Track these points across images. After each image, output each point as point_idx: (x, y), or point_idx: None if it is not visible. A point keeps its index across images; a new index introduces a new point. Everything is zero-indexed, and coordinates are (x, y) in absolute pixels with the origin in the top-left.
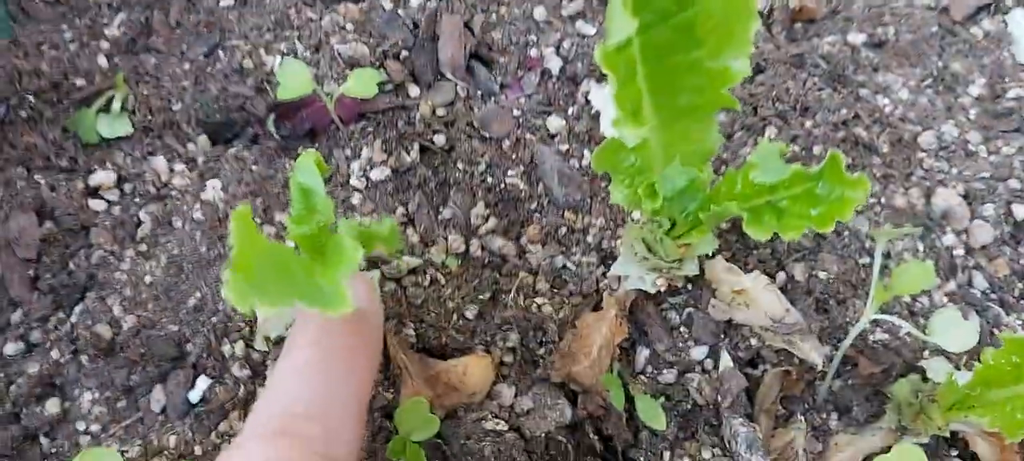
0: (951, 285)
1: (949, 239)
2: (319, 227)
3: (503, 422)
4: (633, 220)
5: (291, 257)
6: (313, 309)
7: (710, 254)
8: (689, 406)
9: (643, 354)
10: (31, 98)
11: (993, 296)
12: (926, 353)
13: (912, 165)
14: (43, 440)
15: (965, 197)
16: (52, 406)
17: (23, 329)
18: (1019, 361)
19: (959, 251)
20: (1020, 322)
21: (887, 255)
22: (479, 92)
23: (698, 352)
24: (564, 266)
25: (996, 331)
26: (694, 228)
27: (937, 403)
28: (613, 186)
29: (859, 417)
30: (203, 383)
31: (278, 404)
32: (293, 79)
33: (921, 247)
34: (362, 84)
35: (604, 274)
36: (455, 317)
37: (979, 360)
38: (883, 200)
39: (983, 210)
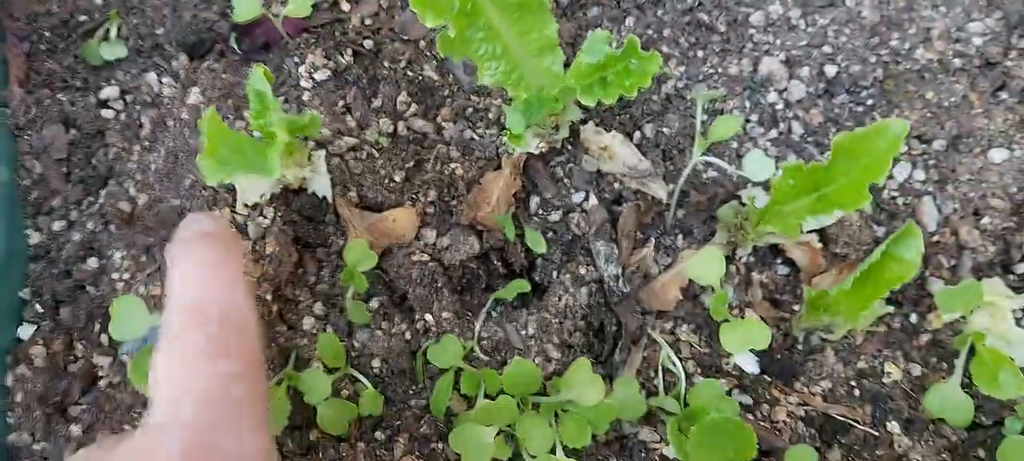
0: (773, 133)
1: (772, 97)
2: (271, 120)
3: (427, 255)
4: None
5: (246, 141)
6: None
7: (582, 121)
8: (570, 237)
9: (535, 200)
10: (47, 34)
11: (809, 140)
12: (749, 186)
13: (744, 40)
14: (89, 288)
15: (786, 62)
16: (92, 263)
17: (63, 211)
18: (795, 182)
19: (780, 106)
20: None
21: (719, 113)
22: (398, 3)
23: (577, 197)
24: (471, 138)
25: None
26: (557, 102)
27: (750, 220)
28: (479, 72)
29: (698, 237)
30: None
31: (175, 304)
32: (245, 5)
33: (748, 105)
34: (299, 5)
35: (503, 142)
36: (387, 181)
37: None
38: (720, 70)
39: (800, 72)
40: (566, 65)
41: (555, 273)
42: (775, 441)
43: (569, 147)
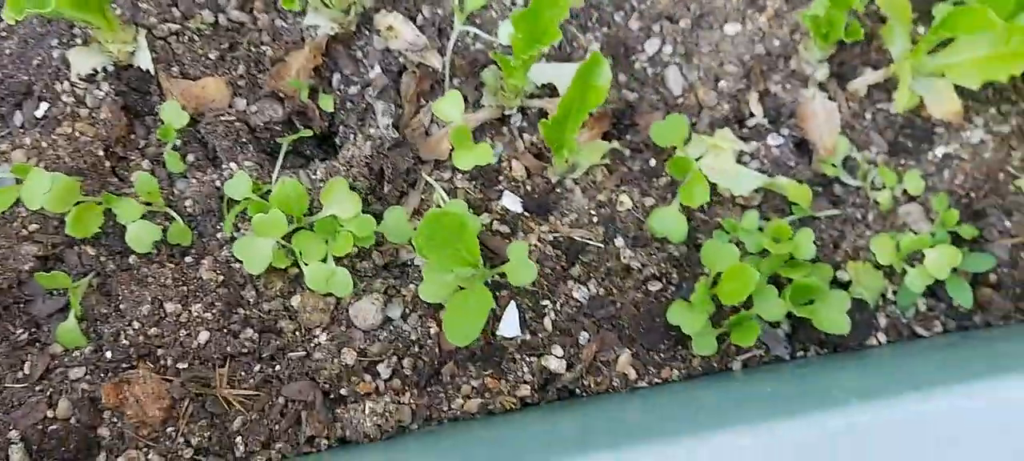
0: None
1: None
2: None
3: (235, 118)
4: None
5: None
6: None
7: (374, 8)
8: (364, 106)
9: (337, 77)
10: None
11: (569, 22)
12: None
13: None
14: None
15: None
16: None
17: None
18: (521, 33)
19: None
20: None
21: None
22: None
23: (373, 73)
24: (281, 26)
25: None
26: None
27: (504, 79)
28: None
29: (471, 102)
30: (44, 106)
31: None
32: None
33: None
34: None
35: (306, 28)
36: (203, 58)
37: None
38: None
39: None
40: None
41: (352, 136)
42: None
43: (366, 33)
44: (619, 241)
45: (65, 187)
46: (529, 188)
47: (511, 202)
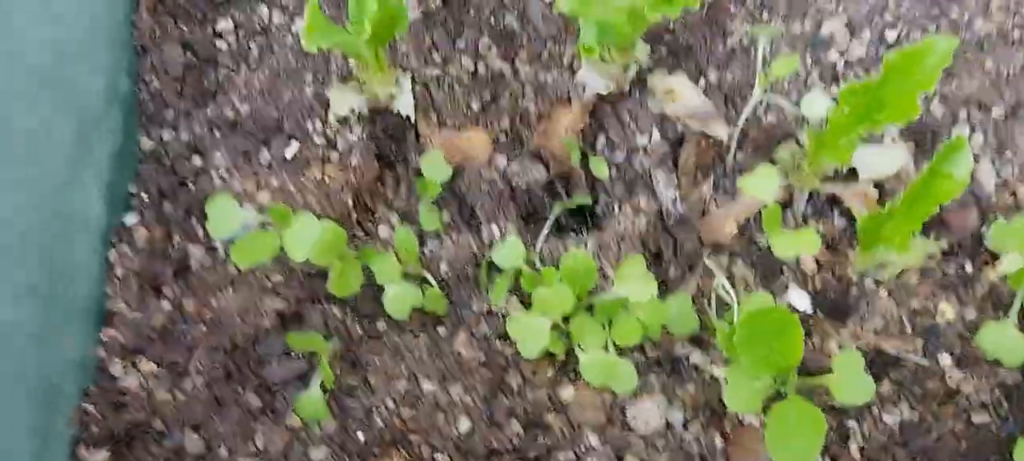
0: (834, 89)
1: (833, 56)
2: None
3: (497, 176)
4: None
5: (338, 28)
6: None
7: (650, 68)
8: (632, 175)
9: (601, 139)
10: None
11: None
12: (806, 127)
13: (808, 4)
14: (190, 185)
15: (847, 25)
16: (196, 161)
17: (174, 122)
18: (850, 109)
19: (840, 65)
20: None
21: None
22: None
23: (641, 139)
24: (545, 80)
25: None
26: (626, 40)
27: (806, 159)
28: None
29: None
30: (294, 146)
31: None
32: None
33: (810, 60)
34: None
35: (574, 84)
36: (465, 108)
37: None
38: (785, 31)
39: (861, 35)
40: None
41: (616, 207)
42: (824, 362)
43: (636, 93)
44: (944, 359)
45: (334, 237)
46: (820, 285)
47: (798, 299)
